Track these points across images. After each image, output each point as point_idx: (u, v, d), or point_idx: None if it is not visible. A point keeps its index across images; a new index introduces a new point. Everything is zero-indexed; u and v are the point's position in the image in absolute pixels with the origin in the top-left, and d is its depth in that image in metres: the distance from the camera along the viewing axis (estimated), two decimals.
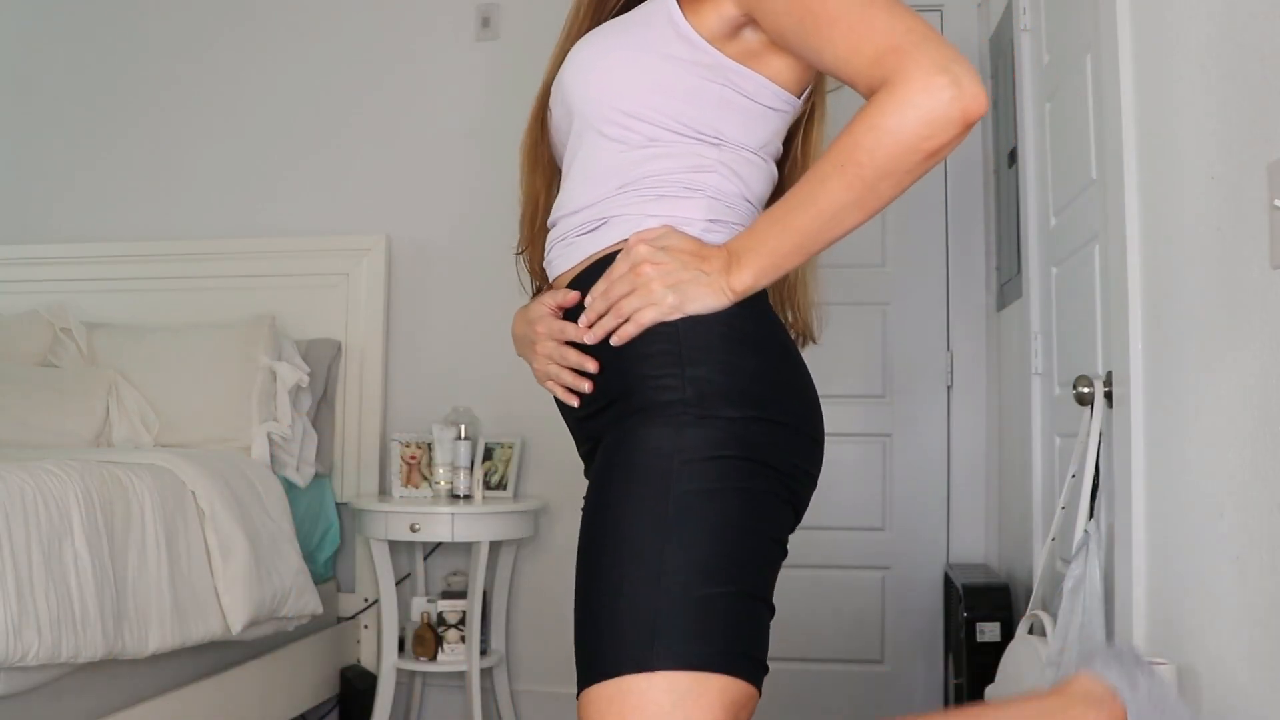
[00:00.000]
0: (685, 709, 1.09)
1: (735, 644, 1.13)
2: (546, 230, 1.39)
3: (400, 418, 3.45)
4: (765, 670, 1.19)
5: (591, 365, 1.24)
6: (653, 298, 1.19)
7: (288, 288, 3.47)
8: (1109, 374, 1.84)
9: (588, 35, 1.33)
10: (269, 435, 3.03)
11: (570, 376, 1.27)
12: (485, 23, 3.53)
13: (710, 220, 1.26)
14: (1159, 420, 1.67)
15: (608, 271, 1.23)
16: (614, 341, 1.21)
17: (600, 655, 1.12)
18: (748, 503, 1.17)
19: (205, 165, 3.65)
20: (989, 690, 2.12)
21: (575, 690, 1.16)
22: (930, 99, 1.09)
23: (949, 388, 3.28)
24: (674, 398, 1.18)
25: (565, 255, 1.31)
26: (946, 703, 2.96)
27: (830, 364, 3.32)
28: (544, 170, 1.43)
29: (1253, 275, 1.33)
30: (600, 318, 1.23)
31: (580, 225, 1.29)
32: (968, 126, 1.10)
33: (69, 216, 3.71)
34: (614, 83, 1.27)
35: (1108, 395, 1.85)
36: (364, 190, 3.55)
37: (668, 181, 1.26)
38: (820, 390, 2.04)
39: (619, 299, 1.20)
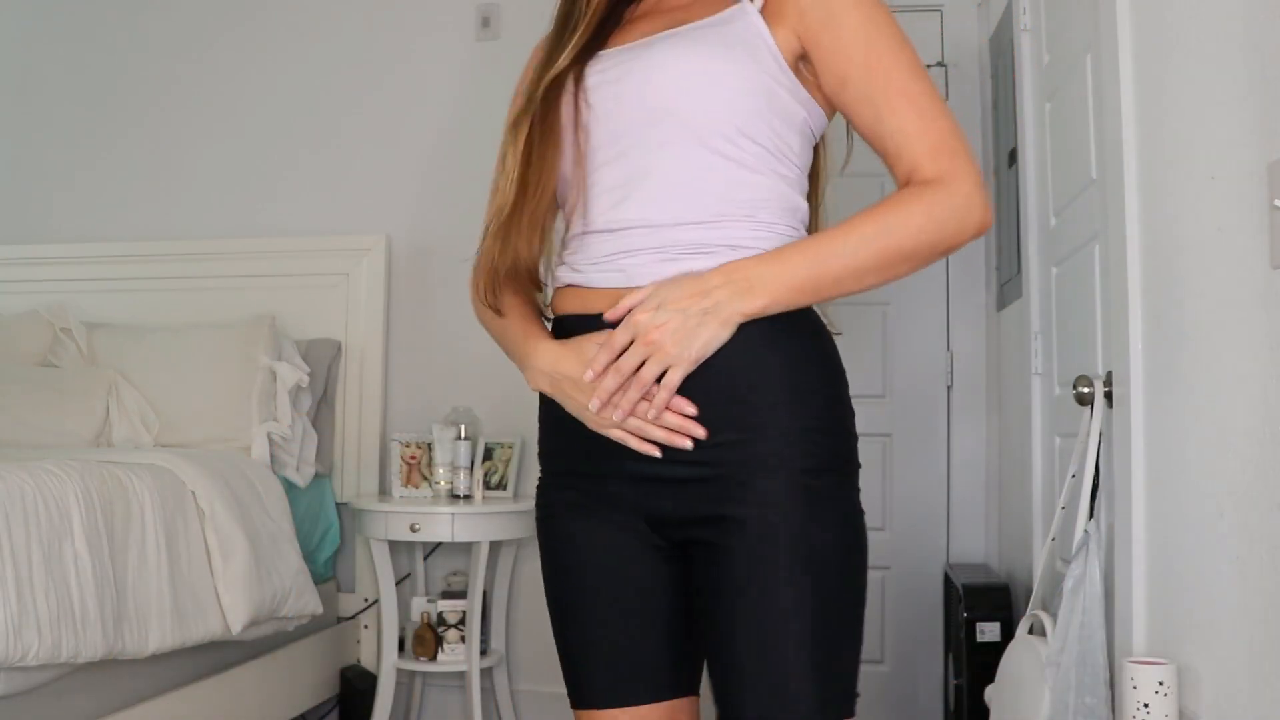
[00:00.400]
0: None
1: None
2: (540, 222, 1.32)
3: (400, 418, 3.45)
4: None
5: (691, 410, 1.21)
6: (669, 359, 1.19)
7: (288, 288, 3.47)
8: (1109, 374, 1.84)
9: (668, 37, 1.28)
10: (269, 435, 3.03)
11: (661, 433, 1.21)
12: (485, 23, 3.53)
13: None
14: (1159, 420, 1.67)
15: (607, 344, 1.21)
16: (652, 415, 1.21)
17: (841, 697, 1.27)
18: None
19: (205, 165, 3.65)
20: (989, 690, 2.12)
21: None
22: (975, 214, 1.21)
23: (949, 388, 3.28)
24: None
25: (660, 271, 1.23)
26: (946, 702, 2.96)
27: None
28: (553, 159, 1.31)
29: (1253, 275, 1.33)
30: (613, 393, 1.21)
31: (688, 244, 1.23)
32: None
33: (69, 216, 3.71)
34: (729, 96, 1.25)
35: (1108, 395, 1.85)
36: (364, 190, 3.55)
37: (776, 210, 1.28)
38: None
39: (631, 373, 1.20)
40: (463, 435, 3.19)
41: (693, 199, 1.24)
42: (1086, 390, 1.87)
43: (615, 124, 1.28)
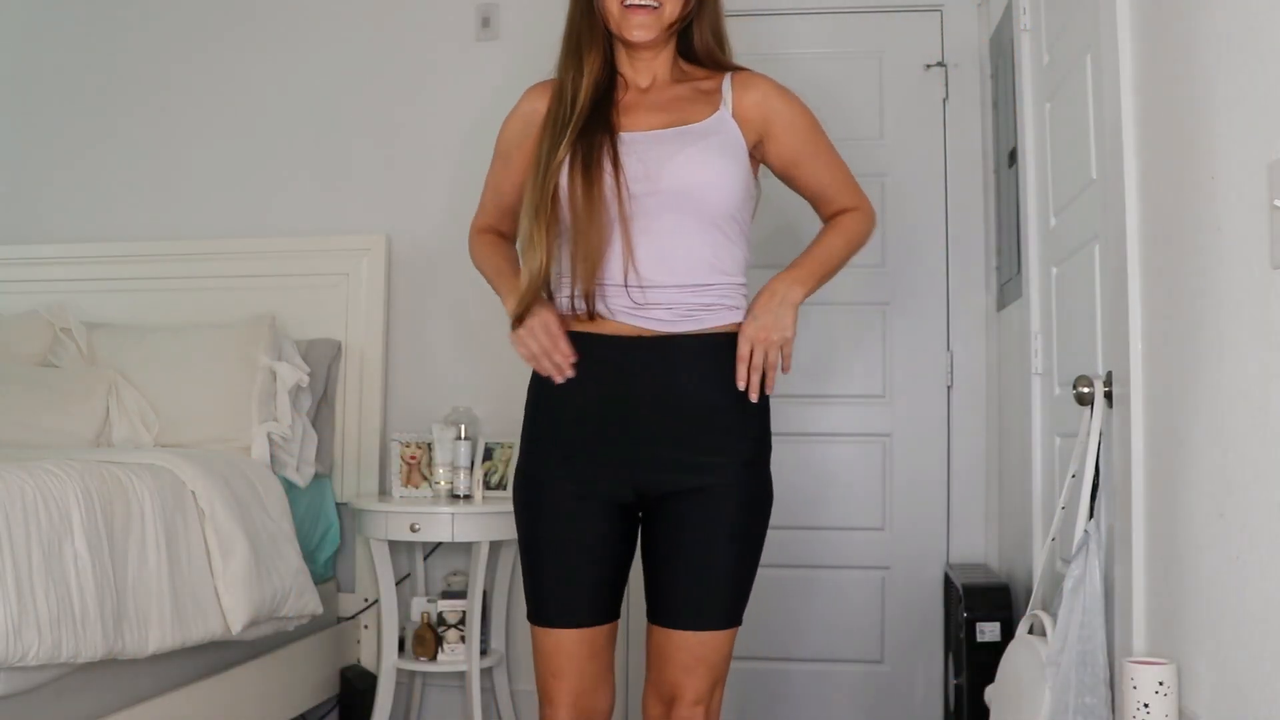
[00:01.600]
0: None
1: None
2: (545, 275, 1.81)
3: (400, 418, 3.45)
4: None
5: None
6: (781, 341, 1.80)
7: (288, 288, 3.47)
8: (1109, 374, 1.84)
9: (688, 138, 1.80)
10: (269, 435, 3.03)
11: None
12: (485, 23, 3.53)
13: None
14: (1159, 420, 1.67)
15: (740, 356, 1.80)
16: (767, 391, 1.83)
17: (736, 610, 1.82)
18: None
19: (205, 165, 3.65)
20: (989, 690, 2.12)
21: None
22: (874, 220, 1.98)
23: (949, 388, 3.28)
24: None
25: (679, 319, 1.79)
26: (946, 703, 2.96)
27: (830, 364, 3.32)
28: (554, 232, 1.81)
29: (1253, 275, 1.33)
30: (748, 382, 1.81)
31: (695, 301, 1.80)
32: None
33: (69, 216, 3.71)
34: (732, 188, 1.81)
35: (1108, 395, 1.85)
36: (364, 190, 3.55)
37: (742, 268, 1.87)
38: (820, 390, 3.09)
39: (761, 365, 1.80)
40: (463, 435, 3.19)
41: (698, 264, 1.79)
42: (1086, 390, 1.87)
43: (639, 187, 1.77)
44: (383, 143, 3.55)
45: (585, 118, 1.80)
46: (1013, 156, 2.79)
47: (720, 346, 1.80)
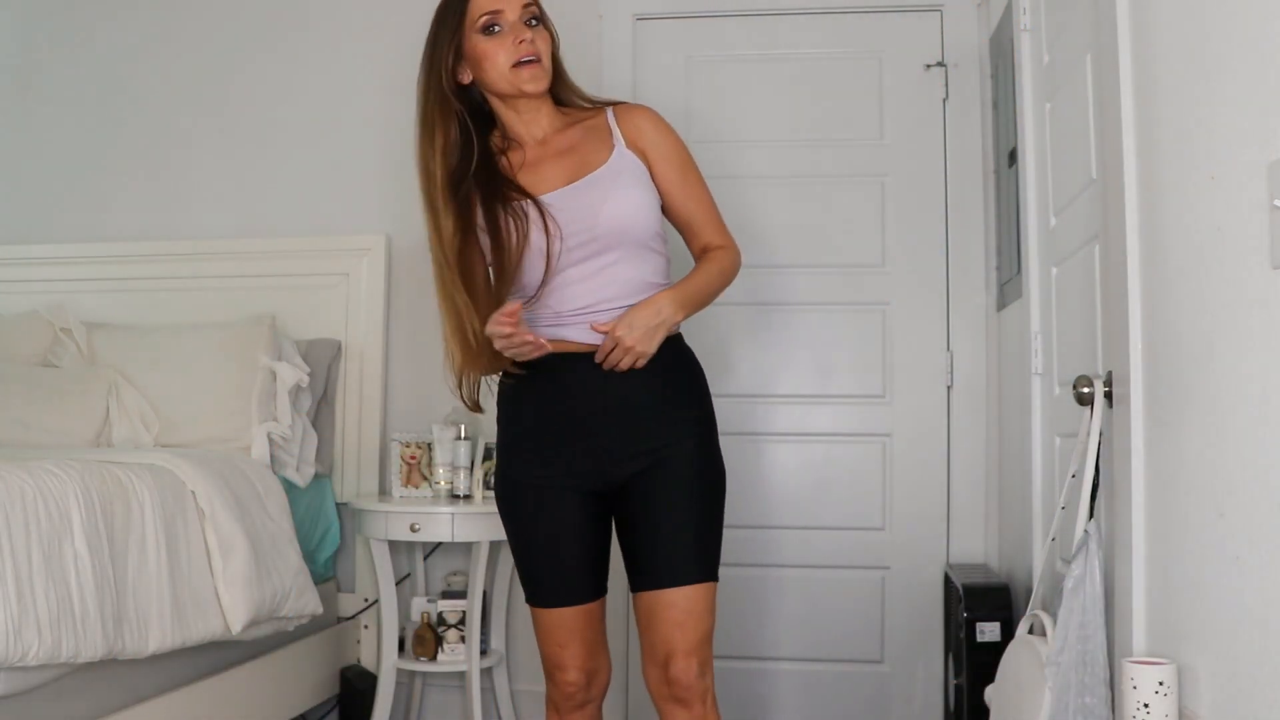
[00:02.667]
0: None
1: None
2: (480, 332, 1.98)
3: (400, 418, 3.45)
4: None
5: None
6: (639, 355, 1.98)
7: (288, 288, 3.47)
8: (1109, 374, 1.84)
9: (604, 181, 2.02)
10: (269, 435, 3.03)
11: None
12: None
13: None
14: (1159, 420, 1.67)
15: (601, 350, 1.98)
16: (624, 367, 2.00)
17: (710, 566, 2.00)
18: None
19: (205, 165, 3.65)
20: (989, 690, 2.12)
21: None
22: (739, 260, 2.15)
23: (949, 388, 3.28)
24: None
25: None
26: (946, 703, 2.96)
27: (829, 364, 3.32)
28: (480, 279, 2.06)
29: (1253, 275, 1.33)
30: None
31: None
32: None
33: (69, 216, 3.71)
34: (651, 214, 2.04)
35: (1108, 395, 1.85)
36: (364, 190, 3.55)
37: (664, 272, 2.09)
38: (820, 390, 3.19)
39: (614, 361, 1.99)
40: (463, 435, 3.19)
41: (639, 283, 2.02)
42: (1086, 390, 1.87)
43: (578, 239, 1.98)
44: (383, 143, 3.55)
45: (471, 181, 2.02)
46: (1013, 156, 2.79)
47: (657, 353, 2.01)
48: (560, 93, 2.13)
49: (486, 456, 3.28)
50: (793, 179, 3.36)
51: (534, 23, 2.04)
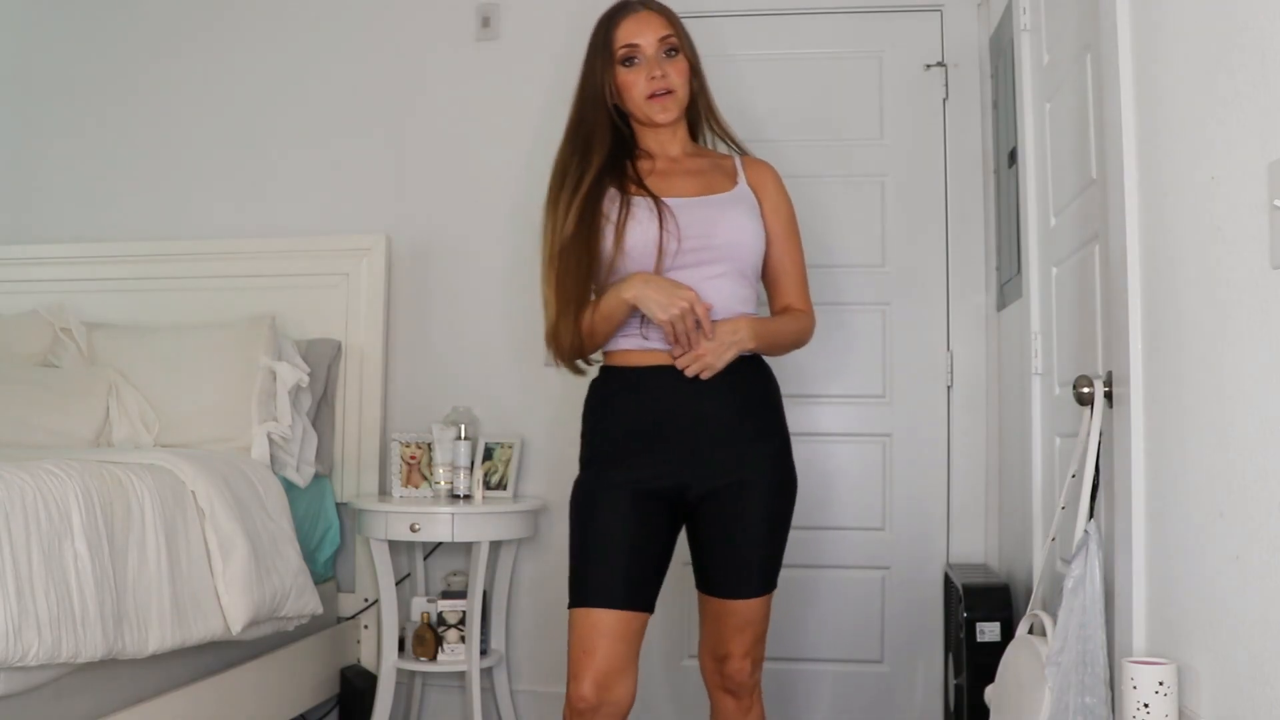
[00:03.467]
0: None
1: None
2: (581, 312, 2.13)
3: (400, 418, 3.45)
4: None
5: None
6: (709, 366, 2.08)
7: (288, 288, 3.47)
8: (1109, 374, 1.84)
9: (727, 203, 2.17)
10: (269, 435, 3.03)
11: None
12: (485, 23, 3.53)
13: None
14: (1159, 420, 1.67)
15: (682, 342, 2.07)
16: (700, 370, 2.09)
17: (771, 578, 2.14)
18: None
19: (205, 165, 3.65)
20: (989, 690, 2.12)
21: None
22: (812, 332, 2.29)
23: (949, 388, 3.28)
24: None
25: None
26: (946, 703, 2.96)
27: (830, 364, 3.32)
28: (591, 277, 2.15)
29: (1253, 275, 1.33)
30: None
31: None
32: None
33: (69, 216, 3.71)
34: (759, 245, 2.18)
35: (1108, 395, 1.85)
36: (364, 190, 3.55)
37: (752, 304, 2.20)
38: (820, 390, 3.18)
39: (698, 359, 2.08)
40: (463, 435, 3.19)
41: (733, 307, 2.13)
42: (1087, 390, 1.87)
43: (692, 244, 2.10)
44: (382, 143, 3.55)
45: (593, 187, 2.13)
46: (1013, 156, 2.79)
47: (737, 370, 2.11)
48: (696, 121, 2.30)
49: (486, 456, 3.28)
50: (793, 179, 3.33)
51: (671, 54, 2.18)
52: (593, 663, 2.00)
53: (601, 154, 2.16)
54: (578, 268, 2.11)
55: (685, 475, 2.09)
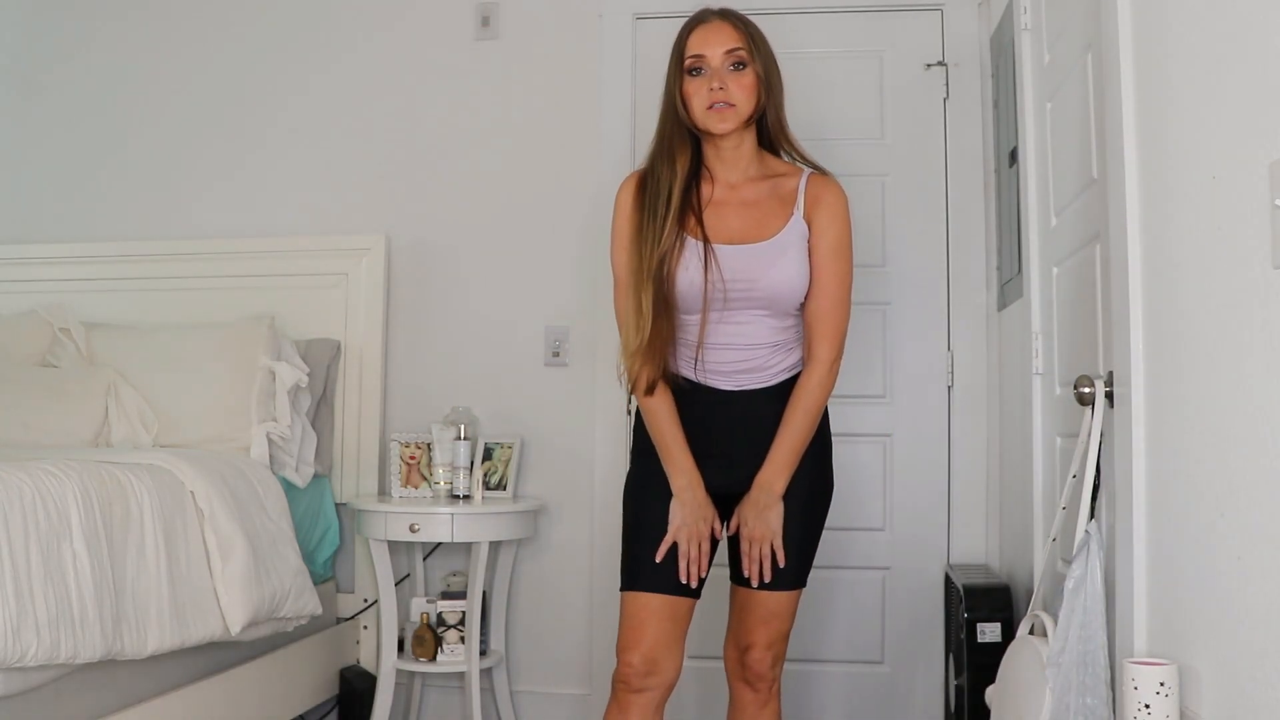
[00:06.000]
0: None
1: None
2: (654, 345, 2.15)
3: (400, 418, 3.45)
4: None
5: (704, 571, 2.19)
6: (770, 539, 2.15)
7: (287, 288, 3.47)
8: (1110, 374, 1.84)
9: (774, 251, 2.16)
10: (268, 435, 3.03)
11: (695, 567, 2.16)
12: (485, 22, 3.53)
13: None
14: (1160, 420, 1.67)
15: (745, 553, 2.17)
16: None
17: (801, 575, 2.20)
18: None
19: (205, 165, 3.65)
20: (990, 691, 2.12)
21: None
22: (832, 382, 2.21)
23: (949, 388, 3.27)
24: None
25: (754, 377, 2.21)
26: (947, 703, 2.96)
27: None
28: (672, 309, 2.17)
29: (1253, 275, 1.33)
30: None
31: (765, 361, 2.21)
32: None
33: (69, 216, 3.71)
34: (803, 286, 2.17)
35: (1109, 395, 1.84)
36: (364, 190, 3.55)
37: (794, 339, 2.23)
38: None
39: (759, 556, 2.16)
40: (462, 435, 3.19)
41: (769, 335, 2.19)
42: (1087, 390, 1.87)
43: (736, 291, 2.14)
44: (382, 143, 3.55)
45: (679, 211, 2.16)
46: (1013, 156, 2.79)
47: (774, 390, 2.20)
48: (766, 135, 2.25)
49: (486, 456, 3.28)
50: None
51: (739, 67, 2.16)
52: (642, 641, 2.12)
53: (685, 164, 2.19)
54: (655, 304, 2.14)
55: (730, 472, 2.18)
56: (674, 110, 2.19)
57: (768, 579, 2.15)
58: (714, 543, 2.20)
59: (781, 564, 2.14)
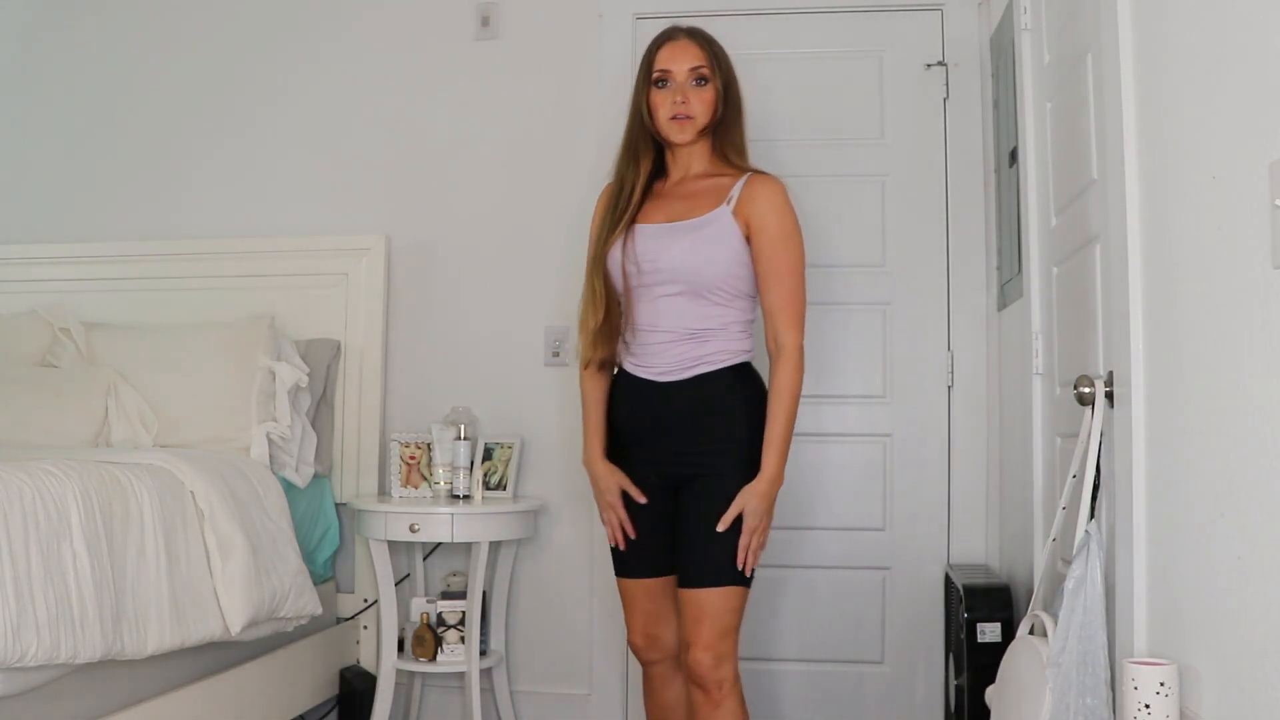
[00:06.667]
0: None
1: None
2: (606, 328, 2.37)
3: (400, 418, 3.45)
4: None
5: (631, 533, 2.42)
6: (764, 531, 2.27)
7: (287, 288, 3.47)
8: (1110, 374, 1.84)
9: (681, 231, 2.32)
10: (268, 435, 3.03)
11: (622, 532, 2.40)
12: (485, 22, 3.53)
13: (747, 350, 2.36)
14: (1160, 420, 1.67)
15: (752, 524, 2.25)
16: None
17: (730, 571, 2.23)
18: None
19: (205, 165, 3.65)
20: (990, 691, 2.12)
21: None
22: (798, 366, 2.31)
23: (949, 388, 3.27)
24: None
25: (668, 357, 2.33)
26: (947, 703, 2.96)
27: (830, 364, 3.32)
28: (614, 293, 2.38)
29: (1253, 275, 1.33)
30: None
31: (682, 342, 2.32)
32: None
33: (69, 216, 3.71)
34: (714, 268, 2.28)
35: (1109, 395, 1.84)
36: (364, 190, 3.55)
37: (735, 323, 2.34)
38: (820, 390, 3.12)
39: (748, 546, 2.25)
40: (462, 435, 3.19)
41: (688, 319, 2.31)
42: (1087, 390, 1.87)
43: (647, 268, 2.31)
44: (382, 143, 3.55)
45: (637, 207, 2.38)
46: (1013, 156, 2.79)
47: (703, 382, 2.31)
48: (719, 146, 2.41)
49: (486, 456, 3.28)
50: (793, 179, 3.33)
51: (700, 82, 2.36)
52: (635, 622, 2.42)
53: (648, 165, 2.41)
54: (606, 288, 2.38)
55: (668, 463, 2.34)
56: (640, 117, 2.39)
57: (752, 564, 2.25)
58: (661, 507, 2.35)
59: (762, 549, 2.26)
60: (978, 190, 3.26)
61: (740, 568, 2.24)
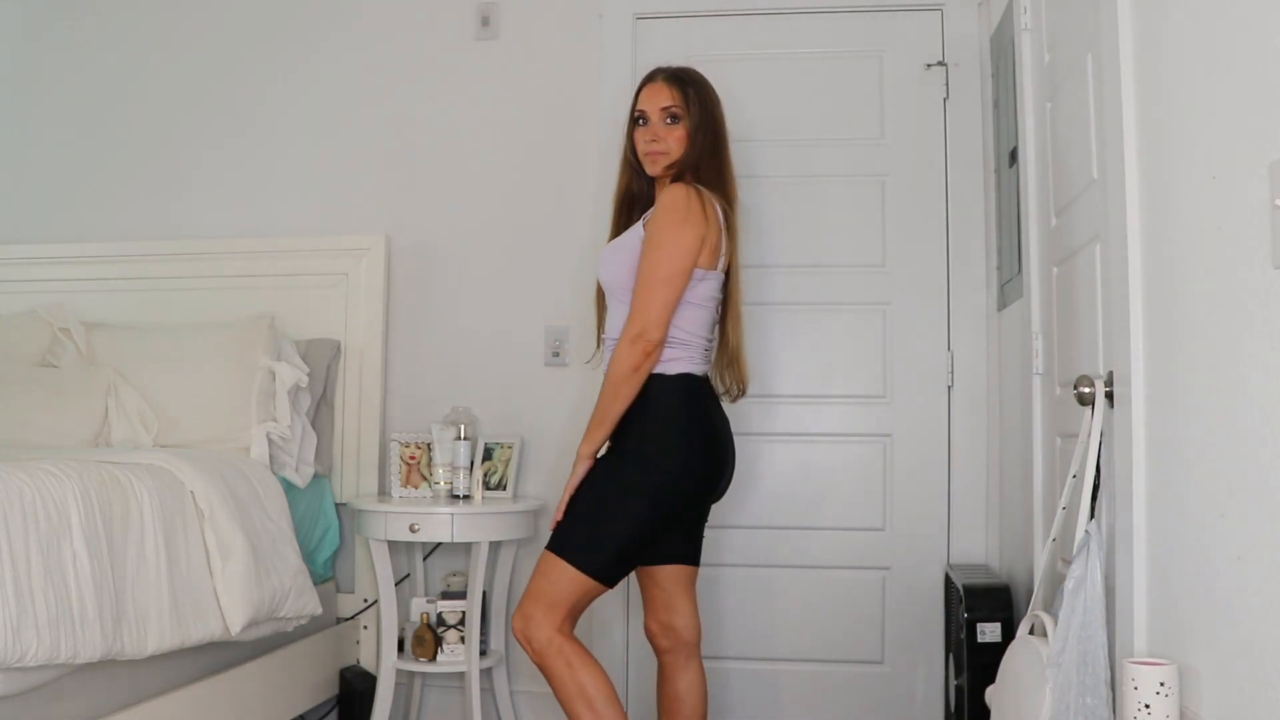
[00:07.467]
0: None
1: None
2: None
3: (400, 418, 3.45)
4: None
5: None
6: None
7: (287, 288, 3.47)
8: (1110, 374, 1.84)
9: (617, 240, 2.55)
10: (268, 435, 3.03)
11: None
12: (485, 22, 3.53)
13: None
14: (1160, 420, 1.67)
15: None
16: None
17: (562, 540, 2.40)
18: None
19: (205, 165, 3.65)
20: (990, 691, 2.12)
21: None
22: (630, 354, 2.40)
23: (949, 388, 3.27)
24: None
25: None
26: (947, 703, 2.96)
27: (830, 364, 3.32)
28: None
29: (1253, 275, 1.33)
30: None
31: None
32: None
33: (69, 216, 3.71)
34: (628, 276, 2.45)
35: (1109, 395, 1.84)
36: (364, 190, 3.55)
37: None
38: (820, 390, 3.10)
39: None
40: (462, 435, 3.19)
41: (617, 328, 2.48)
42: (1087, 390, 1.87)
43: (602, 281, 2.59)
44: (382, 143, 3.55)
45: (615, 226, 2.66)
46: (1013, 156, 2.78)
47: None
48: (702, 179, 2.53)
49: (486, 456, 3.28)
50: (793, 179, 3.36)
51: (672, 120, 2.55)
52: (646, 606, 2.63)
53: (622, 189, 2.67)
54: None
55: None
56: (627, 151, 2.65)
57: (551, 527, 2.45)
58: (674, 522, 2.49)
59: (554, 521, 2.43)
60: (978, 190, 3.27)
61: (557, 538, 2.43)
